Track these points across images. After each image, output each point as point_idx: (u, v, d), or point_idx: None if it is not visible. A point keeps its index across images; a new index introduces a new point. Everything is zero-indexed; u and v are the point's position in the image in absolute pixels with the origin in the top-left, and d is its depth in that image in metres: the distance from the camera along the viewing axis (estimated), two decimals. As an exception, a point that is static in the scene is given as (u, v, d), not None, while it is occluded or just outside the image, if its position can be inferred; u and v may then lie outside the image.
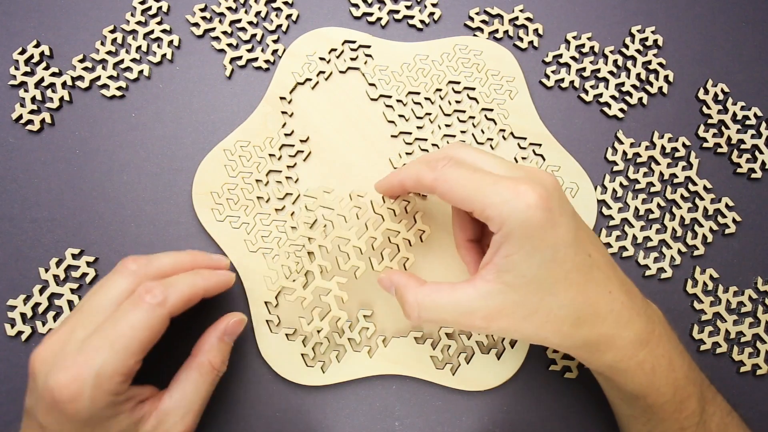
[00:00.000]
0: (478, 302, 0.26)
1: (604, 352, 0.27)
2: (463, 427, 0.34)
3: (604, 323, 0.26)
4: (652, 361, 0.27)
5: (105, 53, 0.39)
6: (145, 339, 0.26)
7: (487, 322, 0.26)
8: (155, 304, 0.26)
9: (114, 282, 0.28)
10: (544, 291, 0.26)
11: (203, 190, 0.36)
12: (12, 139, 0.38)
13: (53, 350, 0.26)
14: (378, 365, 0.34)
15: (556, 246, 0.25)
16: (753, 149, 0.40)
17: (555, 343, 0.27)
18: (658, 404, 0.28)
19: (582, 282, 0.26)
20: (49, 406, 0.25)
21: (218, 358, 0.30)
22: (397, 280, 0.29)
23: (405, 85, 0.39)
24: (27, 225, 0.36)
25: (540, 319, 0.26)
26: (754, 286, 0.38)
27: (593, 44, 0.41)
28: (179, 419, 0.28)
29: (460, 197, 0.26)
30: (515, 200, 0.25)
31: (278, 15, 0.41)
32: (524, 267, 0.25)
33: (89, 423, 0.25)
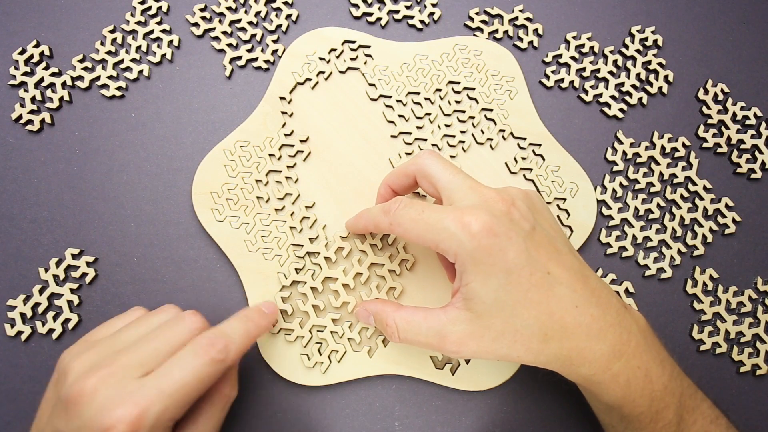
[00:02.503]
0: (449, 327, 0.27)
1: (578, 365, 0.27)
2: (463, 427, 0.34)
3: (573, 337, 0.27)
4: (626, 373, 0.27)
5: (105, 53, 0.39)
6: (203, 390, 0.26)
7: (458, 347, 0.27)
8: (219, 360, 0.26)
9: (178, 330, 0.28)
10: (506, 313, 0.26)
11: (203, 190, 0.36)
12: (12, 139, 0.38)
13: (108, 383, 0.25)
14: (378, 365, 0.34)
15: (508, 269, 0.26)
16: (753, 149, 0.40)
17: (529, 360, 0.27)
18: (634, 415, 0.28)
19: (543, 300, 0.27)
20: None
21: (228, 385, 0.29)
22: (373, 308, 0.31)
23: (405, 85, 0.39)
24: (27, 225, 0.36)
25: (508, 339, 0.27)
26: (754, 286, 0.38)
27: (593, 44, 0.41)
28: None
29: (415, 237, 0.28)
30: (461, 232, 0.26)
31: (278, 15, 0.41)
32: (483, 293, 0.26)
33: None
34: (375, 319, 0.31)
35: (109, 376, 0.25)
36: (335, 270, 0.35)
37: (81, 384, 0.25)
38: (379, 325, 0.31)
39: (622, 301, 0.30)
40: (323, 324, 0.34)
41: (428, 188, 0.31)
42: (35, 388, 0.34)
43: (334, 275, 0.35)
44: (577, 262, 0.29)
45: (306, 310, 0.34)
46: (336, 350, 0.34)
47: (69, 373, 0.26)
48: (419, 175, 0.31)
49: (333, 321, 0.34)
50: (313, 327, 0.34)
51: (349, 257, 0.35)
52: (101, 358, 0.26)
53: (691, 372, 0.35)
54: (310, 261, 0.35)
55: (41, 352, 0.34)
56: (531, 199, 0.30)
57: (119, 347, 0.27)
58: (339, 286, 0.35)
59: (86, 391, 0.24)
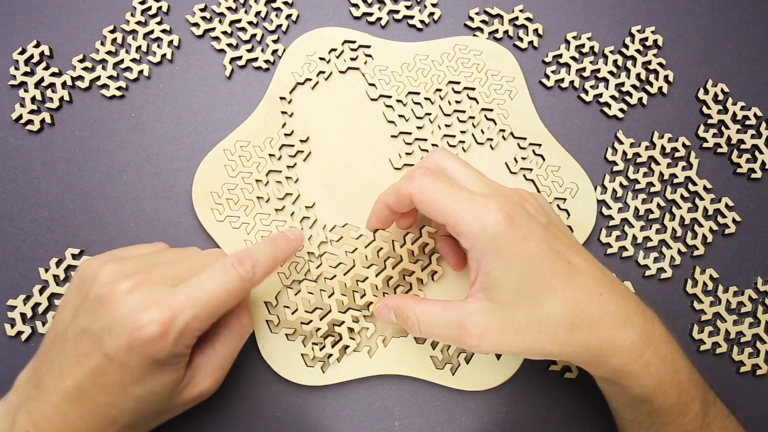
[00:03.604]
0: (470, 319, 0.27)
1: (608, 356, 0.27)
2: (463, 427, 0.34)
3: (601, 326, 0.26)
4: (657, 362, 0.27)
5: (105, 53, 0.39)
6: (230, 305, 0.27)
7: (479, 340, 0.26)
8: (246, 278, 0.27)
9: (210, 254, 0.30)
10: (530, 302, 0.26)
11: (203, 190, 0.36)
12: (12, 139, 0.38)
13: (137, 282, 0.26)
14: (378, 365, 0.34)
15: (530, 258, 0.26)
16: (753, 149, 0.40)
17: (555, 353, 0.27)
18: (664, 408, 0.27)
19: (567, 288, 0.26)
20: (129, 340, 0.24)
21: (246, 316, 0.30)
22: (393, 303, 0.31)
23: (405, 85, 0.39)
24: (27, 225, 0.36)
25: (532, 330, 0.26)
26: (754, 286, 0.38)
27: (593, 44, 0.41)
28: (208, 374, 0.29)
29: (435, 208, 0.27)
30: (485, 216, 0.26)
31: (278, 15, 0.41)
32: (505, 282, 0.26)
33: (157, 364, 0.25)
34: (396, 314, 0.30)
35: (144, 282, 0.26)
36: (368, 269, 0.34)
37: (115, 285, 0.25)
38: (401, 320, 0.30)
39: None
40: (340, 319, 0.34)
41: None
42: (35, 388, 0.34)
43: (365, 274, 0.34)
44: (590, 254, 0.29)
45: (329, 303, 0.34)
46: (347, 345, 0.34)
47: (100, 276, 0.26)
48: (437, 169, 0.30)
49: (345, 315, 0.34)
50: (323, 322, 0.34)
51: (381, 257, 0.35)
52: (135, 268, 0.27)
53: (691, 372, 0.36)
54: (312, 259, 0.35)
55: (41, 352, 0.35)
56: (539, 200, 0.31)
57: (152, 263, 0.28)
58: (368, 285, 0.34)
59: (120, 291, 0.25)
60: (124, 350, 0.24)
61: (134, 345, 0.24)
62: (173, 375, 0.27)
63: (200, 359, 0.29)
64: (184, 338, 0.25)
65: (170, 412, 0.29)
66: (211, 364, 0.29)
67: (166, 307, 0.25)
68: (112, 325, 0.25)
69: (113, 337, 0.25)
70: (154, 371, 0.25)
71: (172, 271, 0.27)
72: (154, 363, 0.25)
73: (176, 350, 0.25)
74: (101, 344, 0.25)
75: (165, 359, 0.25)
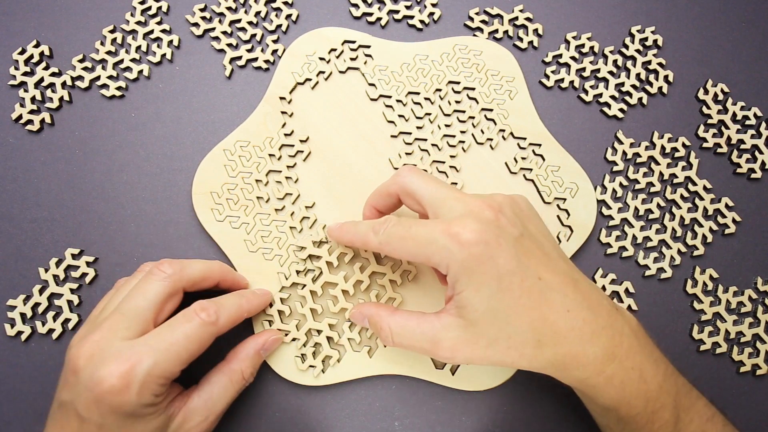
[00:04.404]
0: (442, 333, 0.27)
1: (572, 369, 0.27)
2: (463, 427, 0.34)
3: (566, 342, 0.27)
4: (621, 375, 0.27)
5: (105, 53, 0.39)
6: (194, 350, 0.28)
7: (452, 353, 0.27)
8: (209, 322, 0.29)
9: (151, 285, 0.29)
10: (500, 320, 0.27)
11: (203, 190, 0.36)
12: (12, 139, 0.38)
13: (98, 347, 0.27)
14: (378, 365, 0.34)
15: (499, 276, 0.26)
16: (753, 149, 0.40)
17: (524, 365, 0.28)
18: (630, 416, 0.28)
19: (535, 306, 0.27)
20: (95, 398, 0.25)
21: (250, 369, 0.32)
22: (367, 311, 0.31)
23: (405, 85, 0.39)
24: (27, 225, 0.36)
25: (501, 346, 0.27)
26: (754, 286, 0.38)
27: (593, 44, 0.41)
28: (203, 419, 0.29)
29: (405, 255, 0.28)
30: (451, 244, 0.26)
31: (278, 15, 0.41)
32: (475, 301, 0.26)
33: (130, 417, 0.26)
34: (369, 323, 0.31)
35: (99, 340, 0.27)
36: (336, 275, 0.35)
37: (76, 353, 0.27)
38: (374, 329, 0.31)
39: (612, 302, 0.30)
40: (319, 328, 0.34)
41: (413, 205, 0.31)
42: (35, 388, 0.34)
43: (335, 281, 0.35)
44: (566, 265, 0.29)
45: (303, 313, 0.34)
46: (330, 356, 0.34)
47: (68, 350, 0.28)
48: (402, 193, 0.31)
49: (330, 326, 0.34)
50: (309, 330, 0.34)
51: (351, 263, 0.35)
52: (92, 327, 0.28)
53: (691, 372, 0.36)
54: (311, 263, 0.35)
55: (41, 352, 0.35)
56: (518, 205, 0.30)
57: (106, 314, 0.29)
58: (339, 291, 0.35)
59: (82, 358, 0.26)
60: (94, 409, 0.26)
61: (100, 401, 0.25)
62: (153, 424, 0.27)
63: (197, 403, 0.29)
64: (148, 387, 0.26)
65: None
66: (206, 410, 0.30)
67: (124, 360, 0.26)
68: (79, 390, 0.26)
69: (81, 399, 0.26)
70: (132, 424, 0.26)
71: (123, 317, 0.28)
72: (126, 416, 0.26)
73: (144, 400, 0.26)
74: (75, 410, 0.26)
75: (135, 411, 0.26)
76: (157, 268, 0.30)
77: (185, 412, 0.29)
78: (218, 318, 0.29)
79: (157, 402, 0.27)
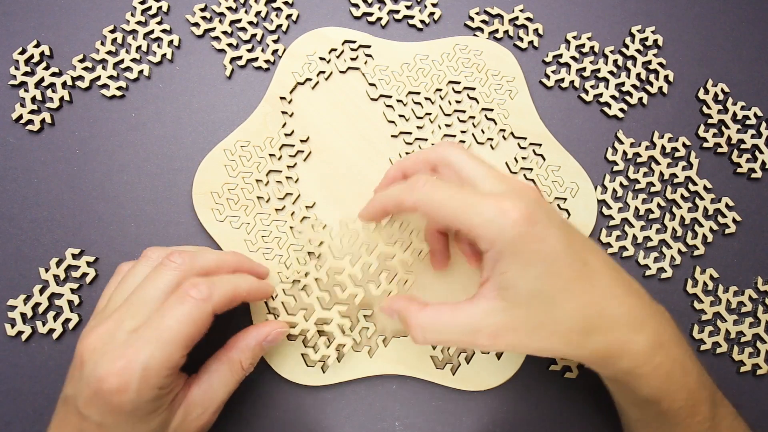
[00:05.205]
0: (482, 320, 0.26)
1: (619, 358, 0.26)
2: (463, 427, 0.34)
3: (615, 329, 0.26)
4: (667, 365, 0.26)
5: (105, 53, 0.39)
6: (190, 333, 0.26)
7: (493, 340, 0.26)
8: (200, 299, 0.26)
9: (161, 275, 0.28)
10: (546, 303, 0.25)
11: (203, 190, 0.36)
12: (12, 139, 0.38)
13: (103, 340, 0.25)
14: (378, 365, 0.34)
15: (548, 258, 0.25)
16: (753, 149, 0.40)
17: (568, 354, 0.26)
18: (672, 410, 0.27)
19: (584, 290, 0.26)
20: (94, 396, 0.24)
21: (249, 360, 0.30)
22: (398, 306, 0.29)
23: (405, 85, 0.39)
24: (27, 225, 0.36)
25: (547, 331, 0.25)
26: (754, 286, 0.38)
27: (593, 44, 0.41)
28: (202, 412, 0.28)
29: (444, 216, 0.26)
30: (501, 218, 0.25)
31: (278, 15, 0.41)
32: (522, 283, 0.25)
33: (132, 416, 0.25)
34: (399, 318, 0.29)
35: (103, 334, 0.26)
36: (342, 260, 0.32)
37: (81, 347, 0.26)
38: (404, 326, 0.29)
39: None
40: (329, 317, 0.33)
41: (450, 177, 0.29)
42: (35, 388, 0.34)
43: (341, 265, 0.32)
44: (604, 253, 0.29)
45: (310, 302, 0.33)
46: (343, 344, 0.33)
47: (78, 342, 0.27)
48: (442, 164, 0.29)
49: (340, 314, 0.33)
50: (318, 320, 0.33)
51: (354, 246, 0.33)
52: (100, 319, 0.27)
53: (691, 372, 0.36)
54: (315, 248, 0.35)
55: (41, 352, 0.34)
56: None
57: (113, 306, 0.28)
58: (346, 277, 0.32)
59: (86, 352, 0.25)
60: (93, 407, 0.25)
61: (99, 399, 0.24)
62: (156, 421, 0.26)
63: (196, 394, 0.28)
64: (148, 382, 0.25)
65: None
66: (206, 401, 0.28)
67: (120, 356, 0.25)
68: (81, 387, 0.25)
69: (83, 396, 0.25)
70: (134, 424, 0.25)
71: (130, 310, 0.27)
72: (127, 416, 0.25)
73: (145, 396, 0.25)
74: (77, 406, 0.25)
75: (137, 408, 0.25)
76: (167, 259, 0.28)
77: (185, 405, 0.28)
78: (211, 294, 0.27)
79: (163, 395, 0.26)
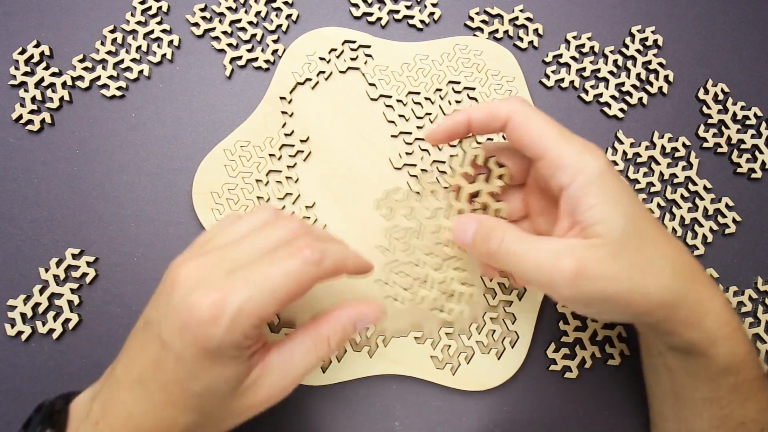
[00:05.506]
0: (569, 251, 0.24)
1: (706, 314, 0.25)
2: (463, 427, 0.34)
3: (697, 279, 0.25)
4: (743, 329, 0.25)
5: (105, 53, 0.39)
6: (292, 291, 0.24)
7: (574, 277, 0.24)
8: (312, 260, 0.25)
9: (276, 229, 0.26)
10: (636, 240, 0.24)
11: (203, 190, 0.36)
12: (12, 139, 0.38)
13: (200, 271, 0.24)
14: (378, 365, 0.34)
15: (633, 199, 0.25)
16: (753, 149, 0.40)
17: (656, 299, 0.24)
18: (748, 380, 0.26)
19: (663, 236, 0.25)
20: (181, 325, 0.23)
21: (338, 339, 0.27)
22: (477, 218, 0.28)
23: (405, 85, 0.39)
24: (27, 225, 0.36)
25: (637, 270, 0.24)
26: (754, 286, 0.38)
27: (593, 44, 0.41)
28: (277, 380, 0.26)
29: (535, 136, 0.26)
30: (588, 153, 0.25)
31: (278, 15, 0.41)
32: (612, 216, 0.24)
33: (212, 355, 0.23)
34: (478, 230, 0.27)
35: (202, 266, 0.24)
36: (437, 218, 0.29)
37: (175, 272, 0.24)
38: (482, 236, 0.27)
39: None
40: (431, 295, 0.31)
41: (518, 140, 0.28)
42: (35, 388, 0.34)
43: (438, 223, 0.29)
44: None
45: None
46: None
47: (168, 269, 0.25)
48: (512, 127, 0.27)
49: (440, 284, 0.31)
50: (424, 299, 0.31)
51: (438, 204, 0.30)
52: (199, 252, 0.26)
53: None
54: None
55: (41, 352, 0.34)
56: None
57: (218, 243, 0.26)
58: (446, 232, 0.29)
59: (179, 279, 0.24)
60: (177, 336, 0.23)
61: (186, 329, 0.23)
62: (232, 371, 0.24)
63: (276, 360, 0.26)
64: (238, 324, 0.23)
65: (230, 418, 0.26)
66: (283, 370, 0.26)
67: (218, 289, 0.23)
68: (168, 312, 0.24)
69: (168, 322, 0.23)
70: (210, 365, 0.24)
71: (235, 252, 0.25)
72: (208, 354, 0.23)
73: (231, 337, 0.23)
74: (159, 332, 0.24)
75: (219, 348, 0.23)
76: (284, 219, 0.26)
77: (262, 367, 0.26)
78: (323, 259, 0.25)
79: (245, 346, 0.24)
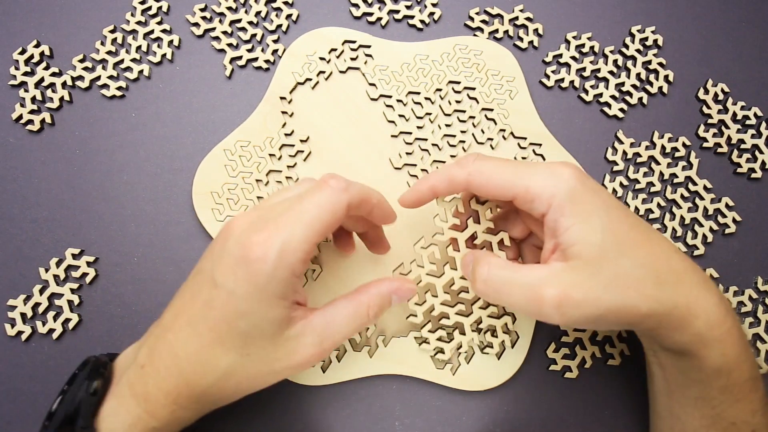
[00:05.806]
0: (549, 279, 0.25)
1: (696, 317, 0.25)
2: (463, 427, 0.34)
3: (684, 282, 0.25)
4: (737, 330, 0.25)
5: (105, 53, 0.39)
6: (327, 220, 0.26)
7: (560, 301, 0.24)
8: (338, 188, 0.26)
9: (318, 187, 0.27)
10: (615, 253, 0.25)
11: (203, 190, 0.36)
12: (12, 139, 0.38)
13: (251, 221, 0.26)
14: (378, 365, 0.34)
15: (606, 208, 0.25)
16: (753, 149, 0.40)
17: (643, 311, 0.24)
18: (739, 382, 0.26)
19: (646, 240, 0.26)
20: (234, 263, 0.25)
21: (376, 308, 0.29)
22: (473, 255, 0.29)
23: (405, 85, 0.39)
24: (27, 225, 0.36)
25: (620, 285, 0.24)
26: (754, 286, 0.38)
27: (593, 44, 0.41)
28: (318, 341, 0.27)
29: (498, 185, 0.27)
30: (554, 177, 0.26)
31: (278, 15, 0.41)
32: (587, 234, 0.25)
33: (262, 291, 0.25)
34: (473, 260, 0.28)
35: (253, 217, 0.26)
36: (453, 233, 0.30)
37: (230, 225, 0.26)
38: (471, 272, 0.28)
39: None
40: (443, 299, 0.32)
41: None
42: (35, 388, 0.34)
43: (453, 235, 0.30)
44: None
45: None
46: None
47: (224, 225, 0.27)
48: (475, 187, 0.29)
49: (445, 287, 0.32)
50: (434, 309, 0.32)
51: None
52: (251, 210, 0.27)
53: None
54: None
55: (41, 352, 0.34)
56: None
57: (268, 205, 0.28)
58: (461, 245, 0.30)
59: (233, 229, 0.26)
60: (230, 273, 0.25)
61: (239, 265, 0.25)
62: (278, 312, 0.26)
63: (319, 321, 0.27)
64: (285, 260, 0.25)
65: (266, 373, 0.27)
66: (324, 332, 0.27)
67: (264, 229, 0.25)
68: (222, 255, 0.25)
69: (222, 263, 0.25)
70: (259, 301, 0.25)
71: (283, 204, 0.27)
72: (258, 290, 0.25)
73: (280, 273, 0.25)
74: (211, 276, 0.25)
75: (267, 284, 0.25)
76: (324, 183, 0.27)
77: (305, 324, 0.27)
78: (348, 186, 0.27)
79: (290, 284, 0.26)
